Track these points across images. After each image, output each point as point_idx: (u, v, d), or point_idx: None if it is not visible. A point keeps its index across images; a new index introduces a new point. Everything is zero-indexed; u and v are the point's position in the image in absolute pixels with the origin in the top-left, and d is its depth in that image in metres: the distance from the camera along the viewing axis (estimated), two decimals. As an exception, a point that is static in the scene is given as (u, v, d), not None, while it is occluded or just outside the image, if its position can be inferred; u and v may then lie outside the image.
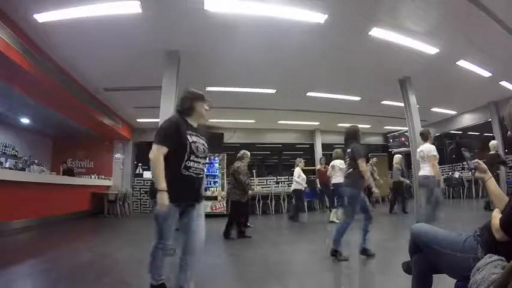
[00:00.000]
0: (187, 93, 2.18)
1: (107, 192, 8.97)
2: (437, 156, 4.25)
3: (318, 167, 8.72)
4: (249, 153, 5.26)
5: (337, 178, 6.36)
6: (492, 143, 6.29)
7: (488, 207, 5.85)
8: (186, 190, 1.97)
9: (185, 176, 1.96)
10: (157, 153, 1.87)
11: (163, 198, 1.79)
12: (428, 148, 4.31)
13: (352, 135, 3.56)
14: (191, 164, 1.98)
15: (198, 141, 2.05)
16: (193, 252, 2.04)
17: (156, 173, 1.86)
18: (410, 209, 7.24)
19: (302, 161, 7.30)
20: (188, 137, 1.98)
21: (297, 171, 7.11)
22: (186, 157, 1.94)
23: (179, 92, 4.55)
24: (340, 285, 2.70)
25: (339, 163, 6.48)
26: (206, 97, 2.22)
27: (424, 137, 4.48)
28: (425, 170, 4.31)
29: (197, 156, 2.01)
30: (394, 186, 7.53)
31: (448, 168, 10.46)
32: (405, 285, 1.67)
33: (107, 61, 5.26)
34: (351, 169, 3.40)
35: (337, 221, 6.07)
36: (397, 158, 7.59)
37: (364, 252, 3.29)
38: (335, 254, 3.21)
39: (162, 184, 1.81)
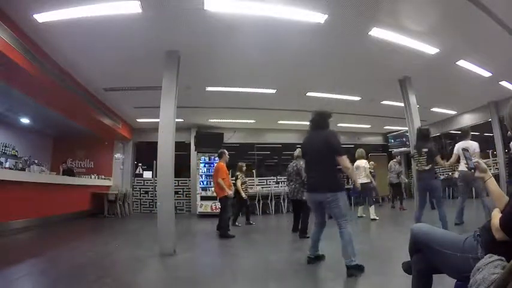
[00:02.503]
0: (327, 114, 3.13)
1: (107, 192, 8.98)
2: None
3: None
4: None
5: (363, 178, 6.56)
6: None
7: None
8: None
9: None
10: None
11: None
12: (474, 145, 4.64)
13: (426, 136, 4.35)
14: None
15: None
16: None
17: (353, 175, 3.34)
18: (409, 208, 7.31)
19: None
20: None
21: None
22: None
23: (179, 92, 4.55)
24: (340, 284, 2.69)
25: (364, 163, 6.70)
26: None
27: (465, 133, 4.88)
28: None
29: None
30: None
31: (448, 168, 10.45)
32: (405, 285, 1.67)
33: (107, 61, 5.25)
34: (430, 165, 4.14)
35: (377, 218, 6.38)
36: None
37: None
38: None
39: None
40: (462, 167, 4.80)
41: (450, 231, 1.45)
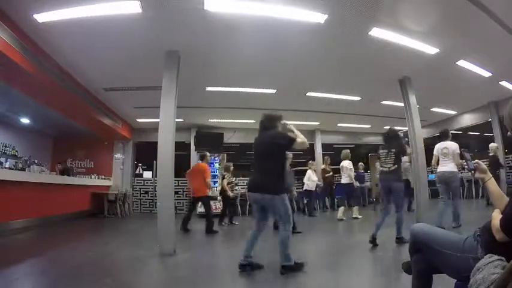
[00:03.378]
0: (274, 116, 3.10)
1: (107, 192, 8.97)
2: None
3: (322, 166, 8.79)
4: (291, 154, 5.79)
5: (346, 178, 6.94)
6: (492, 145, 6.32)
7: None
8: None
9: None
10: None
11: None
12: (453, 146, 4.58)
13: (394, 136, 4.17)
14: None
15: None
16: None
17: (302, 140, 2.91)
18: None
19: (314, 163, 7.85)
20: None
21: (308, 173, 7.75)
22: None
23: (179, 92, 4.55)
24: (340, 284, 2.69)
25: (347, 164, 6.98)
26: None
27: (445, 135, 4.82)
28: (448, 166, 4.55)
29: None
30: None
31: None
32: (405, 285, 1.67)
33: (107, 61, 5.26)
34: (396, 165, 3.97)
35: (360, 217, 6.72)
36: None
37: (400, 240, 3.80)
38: (401, 241, 3.78)
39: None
40: (440, 167, 4.71)
41: (450, 232, 1.45)
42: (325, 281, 2.73)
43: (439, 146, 4.81)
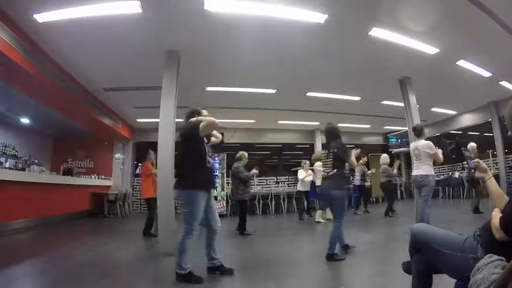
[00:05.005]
0: (191, 111, 3.06)
1: (107, 192, 8.98)
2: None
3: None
4: (246, 153, 5.70)
5: (319, 180, 6.69)
6: (470, 145, 6.06)
7: (477, 211, 5.90)
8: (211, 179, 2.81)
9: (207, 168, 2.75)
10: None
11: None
12: (424, 145, 4.03)
13: (333, 135, 3.49)
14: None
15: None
16: (216, 228, 2.80)
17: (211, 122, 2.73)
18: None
19: (307, 162, 7.57)
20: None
21: (299, 172, 7.48)
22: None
23: (179, 92, 4.55)
24: (340, 285, 2.69)
25: (318, 165, 6.83)
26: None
27: (417, 132, 4.16)
28: (421, 169, 4.01)
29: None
30: (382, 187, 7.38)
31: (448, 168, 10.47)
32: (405, 285, 1.67)
33: (107, 61, 5.26)
34: (335, 170, 3.30)
35: (323, 221, 6.49)
36: (384, 158, 7.39)
37: (331, 257, 3.19)
38: (331, 258, 3.17)
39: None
40: (413, 171, 4.16)
41: (450, 232, 1.45)
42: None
43: (411, 146, 4.32)
